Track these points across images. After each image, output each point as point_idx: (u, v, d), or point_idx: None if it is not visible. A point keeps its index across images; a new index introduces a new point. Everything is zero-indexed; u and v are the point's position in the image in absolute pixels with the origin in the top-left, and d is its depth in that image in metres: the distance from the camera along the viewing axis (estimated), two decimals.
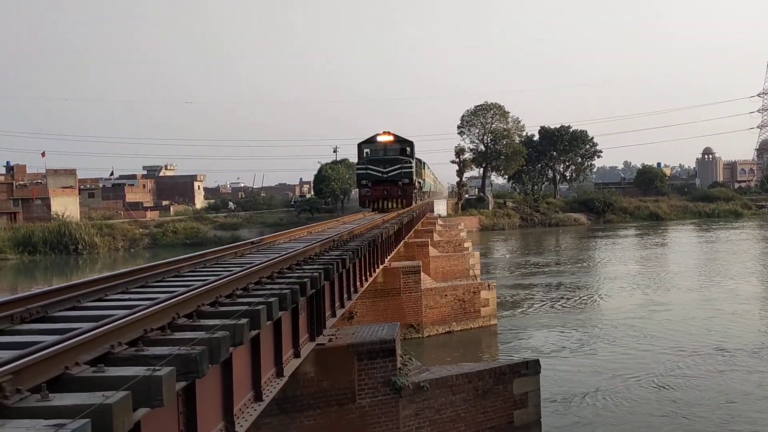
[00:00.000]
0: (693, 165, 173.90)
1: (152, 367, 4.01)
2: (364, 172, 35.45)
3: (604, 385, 17.95)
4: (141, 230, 72.97)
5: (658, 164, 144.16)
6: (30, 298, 6.33)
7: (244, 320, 5.72)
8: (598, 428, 15.03)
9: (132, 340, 4.82)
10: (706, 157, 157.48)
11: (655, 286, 35.78)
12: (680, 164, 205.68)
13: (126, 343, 4.72)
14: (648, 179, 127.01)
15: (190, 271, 9.50)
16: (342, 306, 12.37)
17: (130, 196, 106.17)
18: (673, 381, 18.36)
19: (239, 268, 8.54)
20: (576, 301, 32.12)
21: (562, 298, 32.81)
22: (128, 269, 8.76)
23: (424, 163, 50.75)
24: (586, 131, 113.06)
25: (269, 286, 7.85)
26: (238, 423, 6.38)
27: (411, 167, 35.51)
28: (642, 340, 23.36)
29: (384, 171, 34.97)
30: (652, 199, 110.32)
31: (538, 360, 14.70)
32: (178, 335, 5.17)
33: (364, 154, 36.63)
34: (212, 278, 7.64)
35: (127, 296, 7.19)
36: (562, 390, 17.55)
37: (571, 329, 25.51)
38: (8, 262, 58.76)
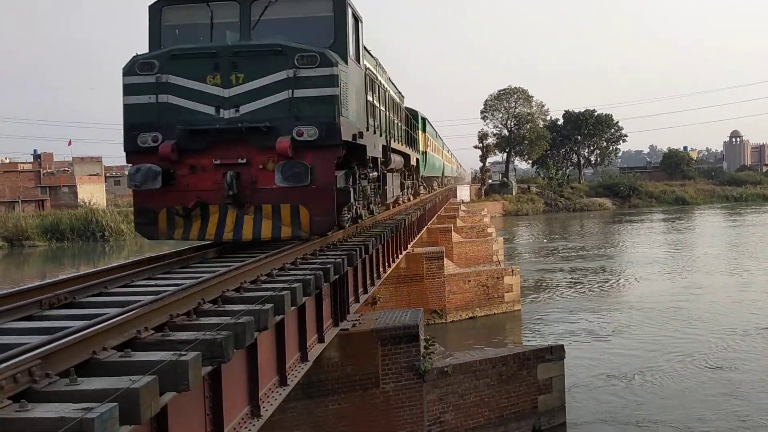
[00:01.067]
0: (720, 148, 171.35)
1: (178, 352, 4.04)
2: (145, 103, 10.08)
3: (629, 371, 17.82)
4: None
5: (685, 148, 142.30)
6: (58, 284, 6.43)
7: (268, 306, 5.75)
8: (623, 414, 14.95)
9: (158, 326, 4.87)
10: (733, 140, 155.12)
11: (683, 270, 35.38)
12: (707, 148, 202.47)
13: (152, 328, 4.77)
14: (674, 163, 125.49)
15: (214, 257, 9.57)
16: (365, 292, 12.40)
17: None
18: (708, 364, 18.11)
19: (263, 254, 8.58)
20: (601, 286, 31.88)
21: (587, 283, 32.58)
22: (154, 255, 8.86)
23: (425, 120, 30.38)
24: (611, 115, 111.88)
25: (293, 272, 7.88)
26: (263, 407, 6.43)
27: (334, 83, 9.86)
28: (671, 324, 23.09)
29: (227, 96, 9.93)
30: (679, 183, 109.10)
31: (562, 345, 14.61)
32: (203, 320, 5.22)
33: (172, 34, 10.83)
34: (237, 264, 7.68)
35: (153, 282, 7.26)
36: (587, 375, 17.47)
37: (596, 314, 25.34)
38: (37, 249, 59.68)
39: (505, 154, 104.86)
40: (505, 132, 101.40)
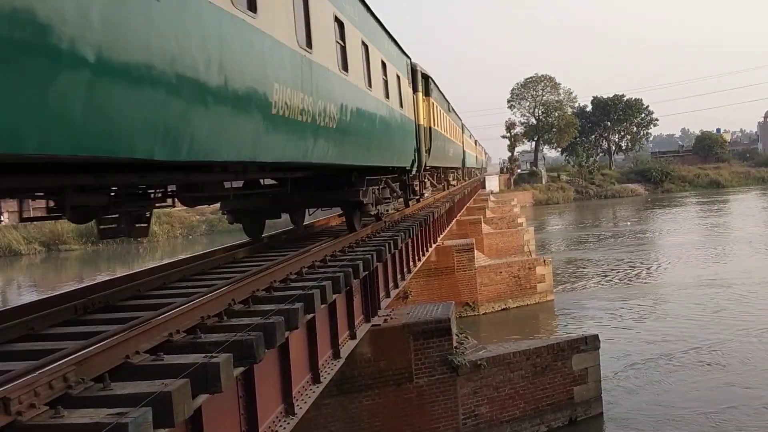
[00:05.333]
0: (755, 129, 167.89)
1: (209, 354, 4.08)
2: None
3: (666, 359, 17.57)
4: (198, 217, 74.37)
5: (718, 130, 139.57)
6: (94, 289, 6.54)
7: (298, 304, 5.77)
8: (661, 403, 14.76)
9: (190, 328, 4.91)
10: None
11: (719, 256, 34.70)
12: (741, 129, 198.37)
13: (184, 330, 4.82)
14: (707, 146, 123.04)
15: (245, 257, 9.65)
16: (396, 286, 12.40)
17: None
18: (746, 352, 17.74)
19: (293, 252, 8.62)
20: (635, 274, 31.44)
21: (621, 271, 32.17)
22: (187, 256, 8.96)
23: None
24: (640, 99, 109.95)
25: (323, 270, 7.91)
26: (297, 405, 6.46)
27: None
28: (708, 311, 22.64)
29: None
30: (712, 166, 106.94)
31: (596, 335, 14.45)
32: (234, 321, 5.25)
33: None
34: (267, 263, 7.73)
35: (185, 283, 7.34)
36: (623, 364, 17.26)
37: (630, 303, 25.02)
38: (73, 253, 60.75)
39: (534, 143, 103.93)
40: (533, 120, 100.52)
